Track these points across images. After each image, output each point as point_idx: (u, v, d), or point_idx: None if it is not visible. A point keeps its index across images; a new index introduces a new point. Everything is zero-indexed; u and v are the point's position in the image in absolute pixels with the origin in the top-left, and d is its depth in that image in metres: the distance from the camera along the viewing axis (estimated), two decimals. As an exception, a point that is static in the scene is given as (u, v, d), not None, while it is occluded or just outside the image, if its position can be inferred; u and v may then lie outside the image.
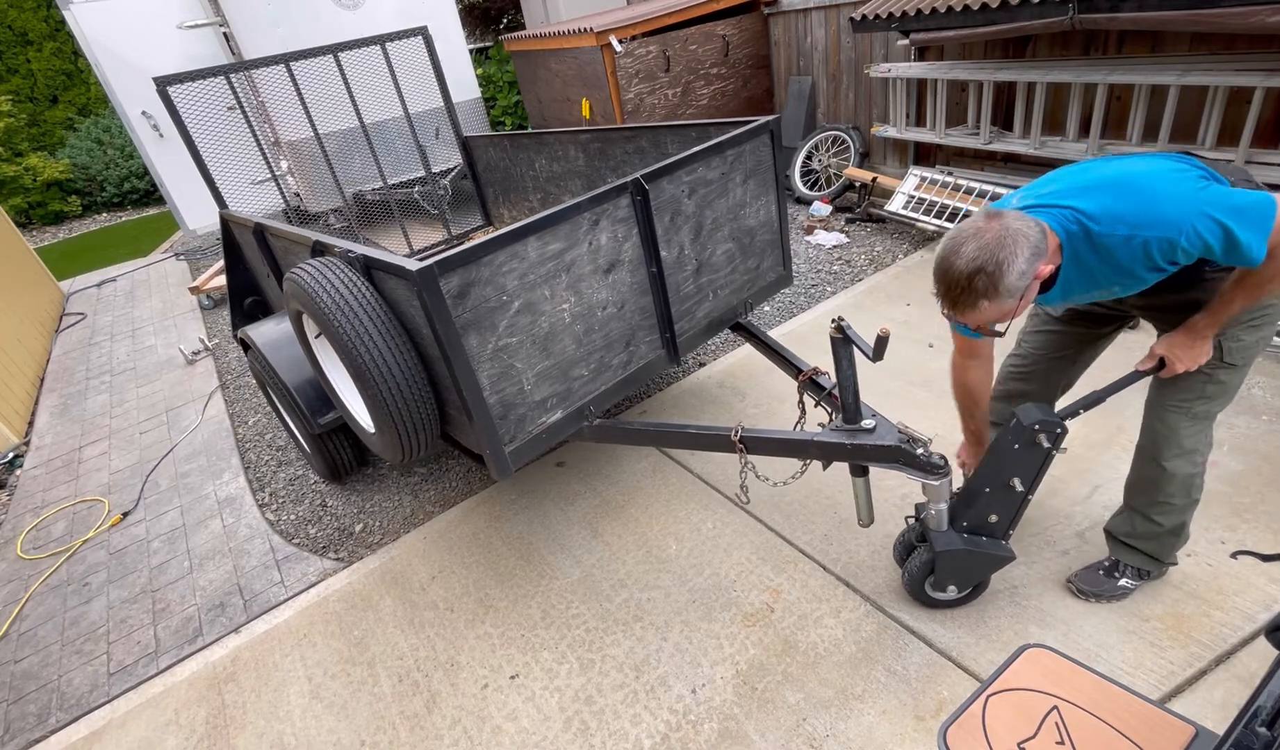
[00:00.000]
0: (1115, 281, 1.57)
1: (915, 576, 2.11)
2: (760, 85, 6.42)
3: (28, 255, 7.01)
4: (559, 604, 2.48)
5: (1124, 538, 2.03)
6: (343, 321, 1.99)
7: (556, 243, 2.12)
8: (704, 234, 2.62)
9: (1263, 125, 3.36)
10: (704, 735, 1.96)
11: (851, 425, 2.01)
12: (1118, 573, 2.06)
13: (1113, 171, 1.53)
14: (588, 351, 2.31)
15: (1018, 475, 1.82)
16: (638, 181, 2.30)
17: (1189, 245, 1.42)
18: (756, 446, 2.19)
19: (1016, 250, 1.38)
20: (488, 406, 2.05)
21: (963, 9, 3.95)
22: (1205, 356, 1.68)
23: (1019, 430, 1.77)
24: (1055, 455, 1.80)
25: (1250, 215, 1.39)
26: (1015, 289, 1.41)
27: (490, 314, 2.00)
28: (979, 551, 1.95)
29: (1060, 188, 1.55)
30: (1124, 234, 1.45)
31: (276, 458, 3.77)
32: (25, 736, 2.42)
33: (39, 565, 3.28)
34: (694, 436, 2.35)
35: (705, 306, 2.73)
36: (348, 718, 2.23)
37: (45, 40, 11.20)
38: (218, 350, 5.29)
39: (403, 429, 2.12)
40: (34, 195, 11.06)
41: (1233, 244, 1.41)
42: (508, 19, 10.29)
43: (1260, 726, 0.82)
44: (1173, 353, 1.69)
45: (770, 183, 2.84)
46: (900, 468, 1.94)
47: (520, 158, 4.51)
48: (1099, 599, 2.07)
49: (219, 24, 6.35)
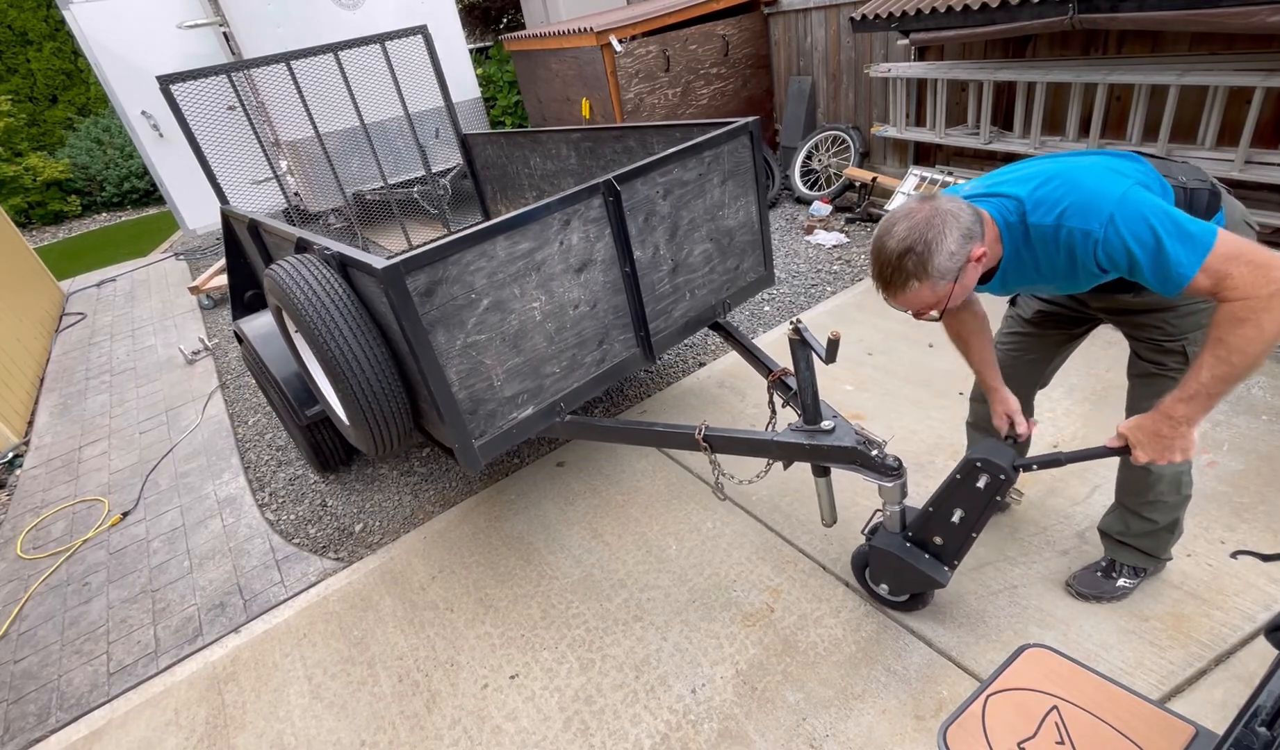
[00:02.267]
0: (1053, 277, 1.51)
1: (855, 561, 2.22)
2: (760, 85, 6.42)
3: (28, 255, 7.01)
4: (559, 604, 2.48)
5: (1119, 536, 2.02)
6: (314, 316, 2.04)
7: (526, 242, 2.15)
8: (680, 234, 2.64)
9: (1263, 125, 3.35)
10: (704, 735, 1.96)
11: (811, 426, 2.02)
12: (1115, 572, 2.06)
13: (1054, 164, 1.50)
14: (559, 349, 2.34)
15: (959, 506, 1.80)
16: (609, 182, 2.32)
17: (1108, 242, 1.34)
18: (720, 445, 2.22)
19: (946, 230, 1.36)
20: (456, 401, 2.09)
21: (963, 9, 3.95)
22: (1181, 452, 1.42)
23: (964, 461, 1.76)
24: (1000, 501, 1.75)
25: (1186, 231, 1.28)
26: (946, 270, 1.38)
27: (458, 311, 2.04)
28: (910, 563, 1.94)
29: (1005, 178, 1.53)
30: (1051, 223, 1.40)
31: (276, 458, 3.77)
32: (25, 736, 2.41)
33: (39, 565, 3.28)
34: (661, 434, 2.38)
35: (682, 306, 2.74)
36: (348, 718, 2.23)
37: (45, 40, 11.20)
38: (218, 350, 5.29)
39: (373, 421, 2.17)
40: (34, 195, 11.07)
41: (1160, 254, 1.29)
42: (508, 19, 10.29)
43: (1260, 726, 0.82)
44: (1135, 438, 1.48)
45: (750, 184, 2.84)
46: (857, 469, 1.95)
47: (516, 156, 4.55)
48: (1099, 600, 2.07)
49: (219, 24, 6.35)
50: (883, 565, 2.07)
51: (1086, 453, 1.62)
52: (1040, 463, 1.68)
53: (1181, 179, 1.50)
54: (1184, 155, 3.57)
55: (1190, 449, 1.42)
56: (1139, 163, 1.49)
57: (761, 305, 4.37)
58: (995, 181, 1.54)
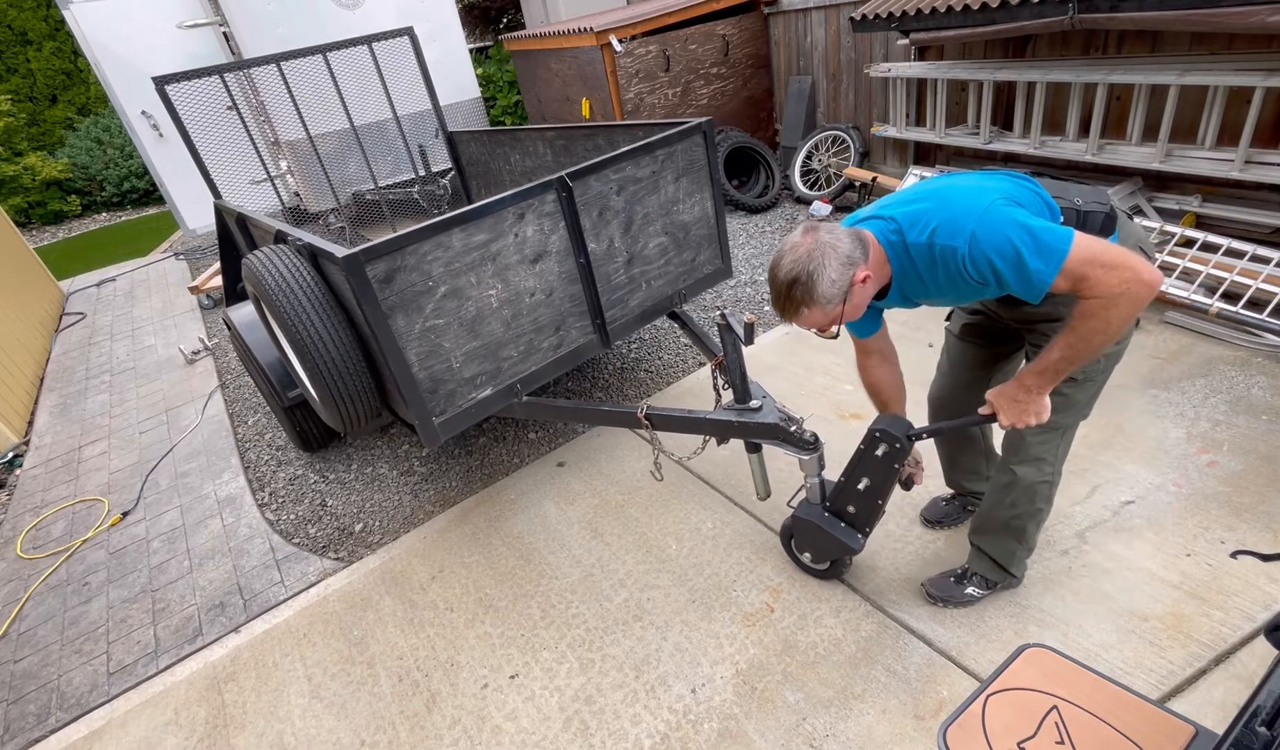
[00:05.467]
0: (940, 290, 1.61)
1: (783, 532, 2.39)
2: (760, 85, 6.42)
3: (27, 255, 7.01)
4: (559, 604, 2.48)
5: (974, 538, 2.10)
6: (284, 302, 2.20)
7: (481, 234, 2.28)
8: (635, 228, 2.78)
9: (1263, 125, 3.35)
10: (704, 735, 1.96)
11: (741, 405, 2.22)
12: (966, 581, 2.13)
13: (931, 184, 1.61)
14: (516, 334, 2.49)
15: (866, 476, 1.97)
16: (562, 179, 2.45)
17: (973, 257, 1.45)
18: (660, 423, 2.40)
19: (825, 262, 1.49)
20: (416, 381, 2.25)
21: (963, 9, 3.94)
22: (1035, 416, 1.62)
23: (867, 432, 1.91)
24: (898, 470, 1.90)
25: (1043, 241, 1.39)
26: (831, 296, 1.52)
27: (416, 297, 2.18)
28: (827, 531, 2.11)
29: (891, 201, 1.66)
30: (925, 241, 1.52)
31: (276, 457, 3.77)
32: (25, 736, 2.41)
33: (39, 565, 3.28)
34: (607, 414, 2.57)
35: (639, 296, 2.90)
36: (347, 717, 2.23)
37: (45, 40, 11.20)
38: (217, 350, 5.29)
39: (340, 399, 2.34)
40: (33, 195, 11.06)
41: (1021, 268, 1.41)
42: (508, 19, 10.29)
43: (1260, 726, 0.82)
44: (999, 404, 1.67)
45: (705, 180, 2.98)
46: (779, 443, 2.14)
47: (498, 153, 4.66)
48: (947, 604, 2.14)
49: (219, 24, 6.34)
50: (805, 534, 2.23)
51: (965, 421, 1.86)
52: (928, 432, 1.90)
53: (1076, 201, 1.59)
54: (1184, 155, 3.57)
55: (1044, 413, 1.62)
56: (1024, 184, 1.58)
57: (762, 305, 4.37)
58: (882, 204, 1.67)
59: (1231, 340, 3.10)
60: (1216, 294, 3.18)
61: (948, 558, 2.31)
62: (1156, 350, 3.15)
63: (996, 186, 1.52)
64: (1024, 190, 1.56)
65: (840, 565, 2.28)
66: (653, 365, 3.98)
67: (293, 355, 2.59)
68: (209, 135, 4.18)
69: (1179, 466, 2.51)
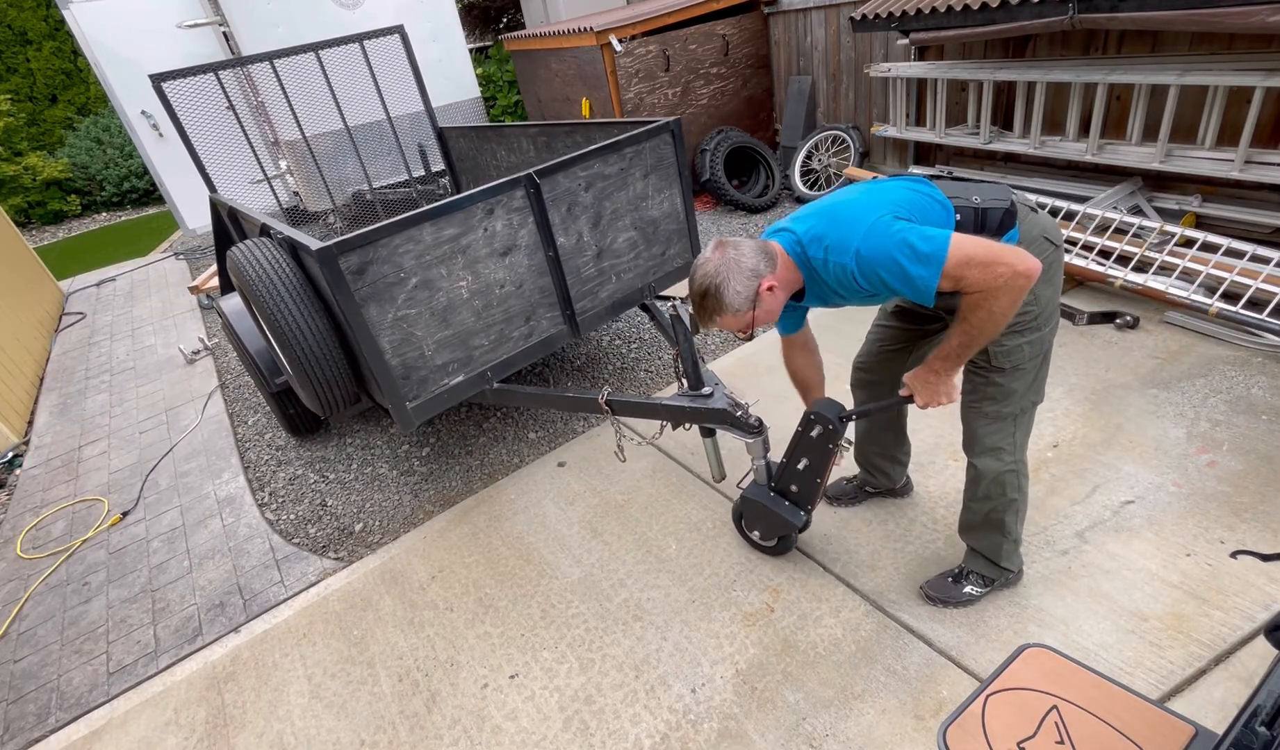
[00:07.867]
0: (848, 295, 1.72)
1: (734, 513, 2.51)
2: (760, 85, 6.42)
3: (27, 255, 7.00)
4: (559, 604, 2.48)
5: (963, 536, 2.13)
6: (264, 291, 2.30)
7: (451, 228, 2.37)
8: (604, 223, 2.87)
9: (1262, 125, 3.35)
10: (704, 735, 1.96)
11: (694, 391, 2.36)
12: (963, 580, 2.15)
13: (829, 200, 1.73)
14: (487, 323, 2.59)
15: (804, 456, 2.10)
16: (530, 176, 2.53)
17: (862, 271, 1.57)
18: (621, 409, 2.52)
19: (729, 275, 1.65)
20: (390, 368, 2.35)
21: (963, 9, 3.94)
22: (945, 396, 1.77)
23: (804, 416, 2.05)
24: (833, 449, 2.03)
25: (921, 250, 1.50)
26: (740, 305, 1.67)
27: (389, 288, 2.28)
28: (773, 510, 2.23)
29: (798, 214, 1.77)
30: (821, 257, 1.65)
31: (276, 457, 3.77)
32: (25, 736, 2.41)
33: (38, 565, 3.28)
34: (570, 400, 2.68)
35: (609, 288, 2.99)
36: (347, 717, 2.23)
37: (45, 39, 11.19)
38: (217, 350, 5.29)
39: (317, 384, 2.44)
40: (33, 194, 11.05)
41: (905, 276, 1.53)
42: (508, 18, 10.29)
43: (1260, 726, 0.82)
44: (914, 386, 1.82)
45: (674, 177, 3.08)
46: (728, 428, 2.27)
47: (485, 148, 4.74)
48: (946, 604, 2.15)
49: (219, 23, 6.34)
50: (753, 513, 2.35)
51: (887, 403, 2.02)
52: (856, 414, 2.08)
53: (975, 200, 1.68)
54: (1184, 155, 3.57)
55: (953, 394, 1.78)
56: (918, 188, 1.68)
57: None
58: (794, 217, 1.78)
59: (1231, 340, 3.10)
60: (1216, 294, 3.18)
61: (947, 557, 2.31)
62: (1156, 350, 3.15)
63: (885, 199, 1.64)
64: (917, 196, 1.66)
65: (788, 541, 2.39)
66: (653, 365, 3.99)
67: (274, 343, 2.66)
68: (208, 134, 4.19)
69: (1179, 466, 2.51)
